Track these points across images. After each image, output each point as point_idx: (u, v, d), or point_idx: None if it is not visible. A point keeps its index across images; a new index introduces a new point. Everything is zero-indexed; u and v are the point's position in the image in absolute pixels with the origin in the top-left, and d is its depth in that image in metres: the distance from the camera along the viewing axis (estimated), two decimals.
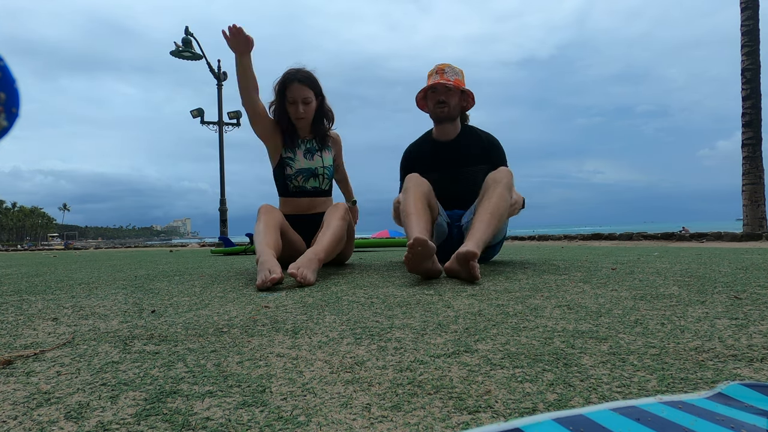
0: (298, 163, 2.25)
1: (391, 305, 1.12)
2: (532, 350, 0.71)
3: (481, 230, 1.70)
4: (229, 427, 0.48)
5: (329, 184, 2.32)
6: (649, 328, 0.84)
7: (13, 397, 0.57)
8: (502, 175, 1.89)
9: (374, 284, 1.52)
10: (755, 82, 7.05)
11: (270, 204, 2.11)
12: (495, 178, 1.88)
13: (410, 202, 1.82)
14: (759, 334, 0.78)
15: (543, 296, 1.19)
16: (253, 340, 0.82)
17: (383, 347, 0.75)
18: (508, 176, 1.89)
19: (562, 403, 0.51)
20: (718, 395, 0.51)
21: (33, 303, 1.34)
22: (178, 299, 1.32)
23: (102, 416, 0.51)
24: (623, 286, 1.35)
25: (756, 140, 6.98)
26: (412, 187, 1.89)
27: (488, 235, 1.72)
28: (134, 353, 0.76)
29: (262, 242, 1.79)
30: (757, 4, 7.12)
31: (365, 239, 5.00)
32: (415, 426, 0.47)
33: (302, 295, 1.32)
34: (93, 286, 1.74)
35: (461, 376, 0.60)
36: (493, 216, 1.76)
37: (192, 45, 9.02)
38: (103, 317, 1.08)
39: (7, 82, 0.36)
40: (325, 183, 2.30)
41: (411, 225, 1.73)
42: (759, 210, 6.90)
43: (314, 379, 0.61)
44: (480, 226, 1.72)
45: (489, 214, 1.76)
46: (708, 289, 1.25)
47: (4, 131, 0.37)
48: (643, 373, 0.60)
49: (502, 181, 1.86)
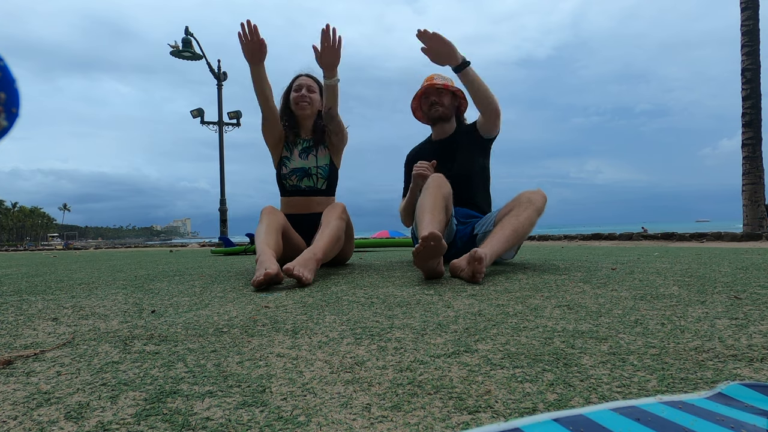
0: (293, 162, 2.27)
1: (391, 305, 1.12)
2: (532, 350, 0.71)
3: (500, 243, 1.69)
4: (229, 427, 0.48)
5: (325, 183, 2.31)
6: (649, 328, 0.84)
7: (13, 397, 0.57)
8: (538, 198, 1.85)
9: (374, 284, 1.52)
10: (755, 82, 7.05)
11: (272, 205, 2.12)
12: (531, 198, 1.84)
13: (429, 201, 1.80)
14: (759, 334, 0.78)
15: (543, 296, 1.19)
16: (253, 340, 0.82)
17: (383, 347, 0.75)
18: (542, 201, 1.86)
19: (562, 403, 0.51)
20: (718, 395, 0.51)
21: (33, 303, 1.34)
22: (178, 299, 1.32)
23: (102, 416, 0.51)
24: (623, 286, 1.35)
25: (756, 140, 6.98)
26: (434, 187, 1.86)
27: (504, 249, 1.72)
28: (134, 353, 0.76)
29: (263, 242, 1.80)
30: (757, 4, 7.12)
31: (365, 239, 5.00)
32: (415, 426, 0.47)
33: (302, 295, 1.32)
34: (93, 286, 1.74)
35: (461, 376, 0.60)
36: (514, 234, 1.74)
37: (192, 45, 9.02)
38: (103, 317, 1.08)
39: (7, 82, 0.36)
40: (321, 182, 2.30)
41: (425, 221, 1.70)
42: (759, 210, 6.91)
43: (314, 379, 0.61)
44: (500, 239, 1.71)
45: (512, 231, 1.74)
46: (708, 289, 1.25)
47: (4, 131, 0.37)
48: (643, 373, 0.60)
49: (536, 204, 1.83)
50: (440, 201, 1.83)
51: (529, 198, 1.84)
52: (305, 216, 2.27)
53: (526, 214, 1.79)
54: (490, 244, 1.67)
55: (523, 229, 1.77)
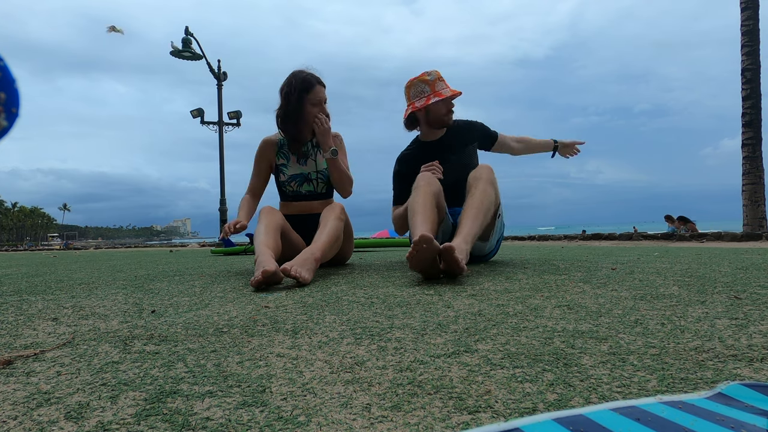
0: (290, 169, 2.26)
1: (391, 305, 1.12)
2: (532, 350, 0.71)
3: (468, 225, 1.74)
4: (229, 427, 0.48)
5: (325, 187, 2.31)
6: (649, 328, 0.84)
7: (13, 397, 0.57)
8: (482, 171, 1.93)
9: (374, 284, 1.52)
10: (755, 82, 7.05)
11: (271, 206, 2.12)
12: (476, 175, 1.93)
13: (419, 201, 1.82)
14: (759, 334, 0.78)
15: (543, 296, 1.19)
16: (253, 340, 0.82)
17: (383, 347, 0.75)
18: (488, 172, 1.93)
19: (562, 403, 0.51)
20: (718, 395, 0.51)
21: (33, 303, 1.34)
22: (178, 299, 1.32)
23: (102, 416, 0.51)
24: (623, 286, 1.35)
25: (756, 140, 6.98)
26: (423, 186, 1.89)
27: (475, 229, 1.75)
28: (134, 353, 0.76)
29: (262, 243, 1.79)
30: (757, 4, 7.12)
31: (365, 239, 5.00)
32: (415, 426, 0.47)
33: (302, 295, 1.32)
34: (93, 286, 1.74)
35: (461, 376, 0.60)
36: (479, 211, 1.79)
37: (192, 45, 9.02)
38: (103, 317, 1.08)
39: (7, 82, 0.36)
40: (321, 187, 2.29)
41: (417, 223, 1.73)
42: (759, 210, 6.91)
43: (314, 379, 0.61)
44: (467, 222, 1.75)
45: (474, 209, 1.80)
46: (708, 289, 1.25)
47: (4, 131, 0.37)
48: (643, 373, 0.60)
49: (482, 176, 1.90)
50: (430, 199, 1.85)
51: (474, 176, 1.93)
52: (306, 216, 2.27)
53: (479, 189, 1.86)
54: (461, 232, 1.71)
55: (483, 204, 1.82)
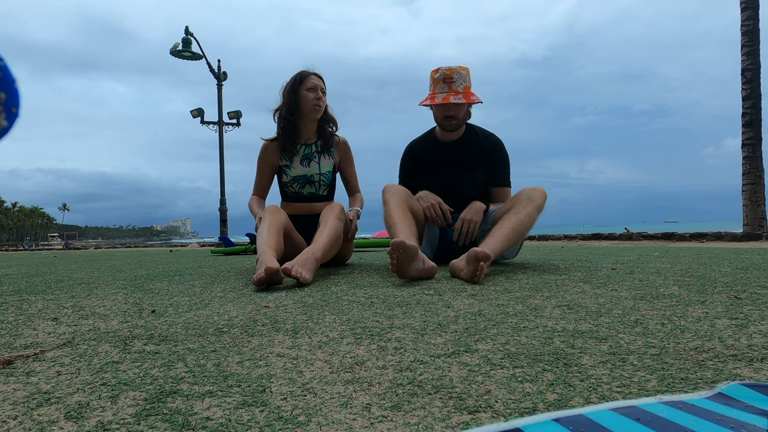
0: (293, 171, 2.26)
1: (391, 305, 1.12)
2: (532, 350, 0.71)
3: (499, 241, 1.68)
4: (229, 427, 0.48)
5: (327, 189, 2.31)
6: (649, 328, 0.84)
7: (13, 397, 0.57)
8: (538, 195, 1.84)
9: (374, 284, 1.52)
10: (755, 82, 7.04)
11: (276, 205, 2.11)
12: (531, 195, 1.83)
13: (392, 212, 1.85)
14: (759, 334, 0.78)
15: (543, 296, 1.19)
16: (253, 340, 0.82)
17: (383, 347, 0.75)
18: (542, 198, 1.84)
19: (562, 403, 0.51)
20: (718, 395, 0.51)
21: (33, 303, 1.34)
22: (178, 299, 1.32)
23: (102, 416, 0.51)
24: (623, 286, 1.35)
25: (756, 140, 6.97)
26: (389, 197, 1.91)
27: (503, 248, 1.70)
28: (134, 353, 0.76)
29: (264, 242, 1.79)
30: (757, 4, 7.12)
31: (365, 239, 5.00)
32: (415, 426, 0.47)
33: (302, 295, 1.32)
34: (93, 286, 1.74)
35: (461, 376, 0.60)
36: (514, 232, 1.73)
37: (192, 45, 9.01)
38: (103, 317, 1.08)
39: (7, 82, 0.36)
40: (323, 189, 2.29)
41: (396, 233, 1.75)
42: (759, 210, 6.90)
43: (314, 379, 0.61)
44: (499, 237, 1.69)
45: (511, 229, 1.73)
46: (708, 289, 1.25)
47: (4, 131, 0.37)
48: (643, 373, 0.60)
49: (536, 201, 1.81)
50: (401, 208, 1.86)
51: (529, 195, 1.83)
52: (307, 217, 2.27)
53: (526, 211, 1.78)
54: (489, 243, 1.65)
55: (523, 227, 1.76)
